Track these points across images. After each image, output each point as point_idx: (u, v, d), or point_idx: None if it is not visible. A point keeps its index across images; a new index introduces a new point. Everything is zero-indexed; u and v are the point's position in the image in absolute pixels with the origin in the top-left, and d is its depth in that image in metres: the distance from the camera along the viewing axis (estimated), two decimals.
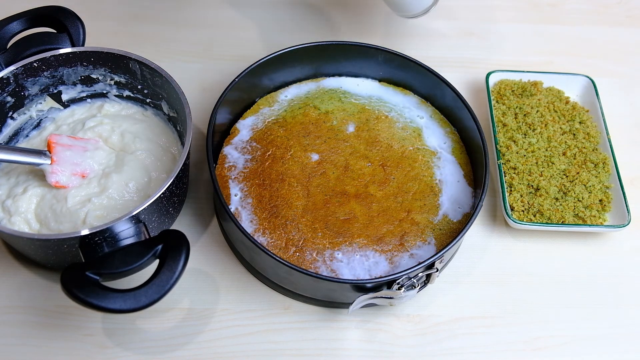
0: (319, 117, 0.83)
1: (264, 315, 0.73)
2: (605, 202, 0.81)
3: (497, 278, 0.78)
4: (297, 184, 0.77)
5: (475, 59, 0.99)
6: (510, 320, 0.75)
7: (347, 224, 0.74)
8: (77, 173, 0.74)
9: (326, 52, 0.84)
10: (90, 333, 0.71)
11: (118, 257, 0.63)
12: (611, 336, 0.74)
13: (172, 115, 0.80)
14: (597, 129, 0.87)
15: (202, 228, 0.80)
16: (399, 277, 0.66)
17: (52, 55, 0.76)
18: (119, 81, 0.81)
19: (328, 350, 0.72)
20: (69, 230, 0.71)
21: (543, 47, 1.02)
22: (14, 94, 0.77)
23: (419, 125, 0.84)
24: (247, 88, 0.82)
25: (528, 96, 0.89)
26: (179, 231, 0.64)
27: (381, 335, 0.73)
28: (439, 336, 0.73)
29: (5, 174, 0.76)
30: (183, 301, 0.74)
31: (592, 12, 1.07)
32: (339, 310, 0.74)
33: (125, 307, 0.60)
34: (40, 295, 0.73)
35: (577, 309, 0.76)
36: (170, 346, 0.71)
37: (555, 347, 0.73)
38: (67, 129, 0.80)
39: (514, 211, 0.80)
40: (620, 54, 1.02)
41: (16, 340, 0.70)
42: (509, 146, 0.84)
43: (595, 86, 0.91)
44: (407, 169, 0.79)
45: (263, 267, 0.73)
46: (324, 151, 0.80)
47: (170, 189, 0.69)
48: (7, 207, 0.72)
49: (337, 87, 0.87)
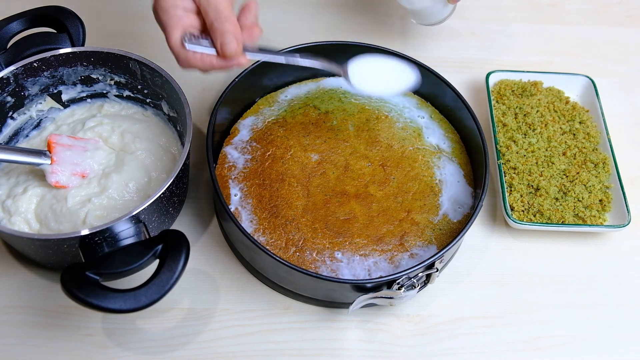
0: (319, 117, 0.83)
1: (264, 315, 0.73)
2: (605, 202, 0.81)
3: (497, 278, 0.78)
4: (297, 184, 0.77)
5: (475, 59, 0.99)
6: (510, 320, 0.75)
7: (347, 224, 0.74)
8: (77, 173, 0.74)
9: (326, 52, 0.84)
10: (90, 333, 0.71)
11: (118, 257, 0.63)
12: (611, 336, 0.75)
13: (172, 115, 0.80)
14: (597, 129, 0.87)
15: (202, 228, 0.80)
16: (399, 277, 0.66)
17: (52, 55, 0.76)
18: (119, 81, 0.81)
19: (328, 350, 0.72)
20: (69, 230, 0.71)
21: (543, 47, 1.02)
22: (14, 94, 0.77)
23: (419, 125, 0.84)
24: (247, 88, 0.82)
25: (528, 96, 0.89)
26: (179, 231, 0.64)
27: (381, 335, 0.73)
28: (439, 336, 0.73)
29: (5, 174, 0.76)
30: (183, 301, 0.74)
31: (592, 12, 1.07)
32: (339, 310, 0.74)
33: (125, 307, 0.60)
34: (40, 295, 0.73)
35: (577, 309, 0.76)
36: (170, 346, 0.71)
37: (555, 347, 0.73)
38: (67, 129, 0.80)
39: (514, 211, 0.80)
40: (620, 54, 1.02)
41: (16, 340, 0.70)
42: (509, 146, 0.84)
43: (595, 86, 0.91)
44: (407, 169, 0.79)
45: (263, 267, 0.73)
46: (324, 151, 0.80)
47: (170, 189, 0.69)
48: (7, 207, 0.72)
49: (337, 87, 0.87)
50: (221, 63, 0.65)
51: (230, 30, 0.63)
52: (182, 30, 0.64)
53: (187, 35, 0.64)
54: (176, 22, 0.64)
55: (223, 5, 0.64)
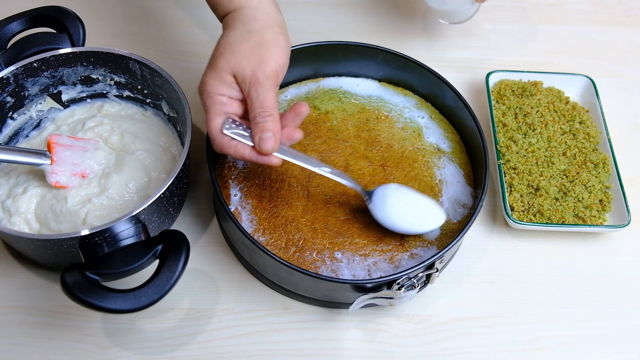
0: (319, 117, 0.83)
1: (264, 315, 0.73)
2: (605, 202, 0.81)
3: (497, 278, 0.78)
4: (297, 184, 0.77)
5: (475, 59, 0.99)
6: (510, 320, 0.75)
7: (347, 224, 0.74)
8: (77, 173, 0.74)
9: (326, 52, 0.84)
10: (90, 333, 0.71)
11: (118, 257, 0.63)
12: (611, 336, 0.75)
13: (172, 115, 0.80)
14: (597, 129, 0.87)
15: (202, 228, 0.80)
16: (399, 277, 0.66)
17: (52, 55, 0.76)
18: (119, 81, 0.81)
19: (328, 350, 0.72)
20: (69, 230, 0.71)
21: (543, 47, 1.02)
22: (14, 94, 0.77)
23: (419, 125, 0.84)
24: None
25: (528, 96, 0.89)
26: (179, 231, 0.64)
27: (381, 335, 0.73)
28: (439, 336, 0.73)
29: (5, 174, 0.76)
30: (183, 301, 0.74)
31: (592, 12, 1.07)
32: (339, 310, 0.74)
33: (125, 307, 0.60)
34: (40, 295, 0.73)
35: (577, 309, 0.76)
36: (170, 346, 0.71)
37: (555, 347, 0.73)
38: (67, 129, 0.80)
39: (514, 211, 0.80)
40: (620, 54, 1.02)
41: (16, 340, 0.70)
42: (509, 146, 0.84)
43: (595, 86, 0.91)
44: (407, 169, 0.79)
45: (263, 267, 0.73)
46: (324, 151, 0.80)
47: (170, 189, 0.69)
48: (7, 207, 0.72)
49: (337, 87, 0.87)
50: (253, 157, 0.65)
51: (271, 128, 0.63)
52: (224, 117, 0.64)
53: (228, 122, 0.64)
54: (220, 108, 0.64)
55: (269, 102, 0.64)
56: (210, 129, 0.65)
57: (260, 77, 0.63)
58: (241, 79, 0.64)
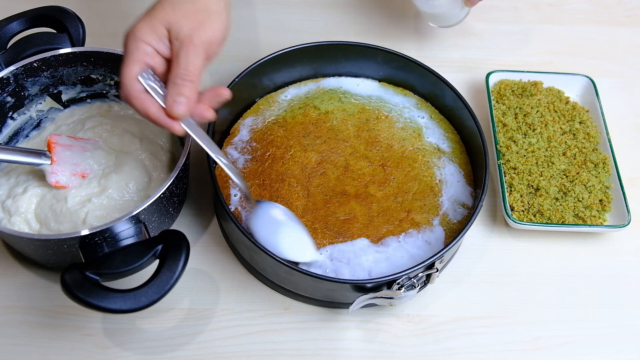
0: (319, 117, 0.83)
1: (264, 315, 0.73)
2: (605, 202, 0.81)
3: (497, 278, 0.78)
4: (297, 184, 0.77)
5: (475, 59, 0.99)
6: (510, 320, 0.75)
7: (347, 224, 0.74)
8: (77, 173, 0.74)
9: (326, 52, 0.84)
10: (90, 333, 0.71)
11: (118, 257, 0.63)
12: (611, 336, 0.75)
13: None
14: (597, 129, 0.87)
15: (202, 228, 0.80)
16: (399, 277, 0.66)
17: (52, 55, 0.76)
18: (119, 81, 0.81)
19: (328, 350, 0.72)
20: (69, 230, 0.71)
21: (543, 47, 1.02)
22: (14, 94, 0.77)
23: (419, 125, 0.84)
24: (247, 88, 0.82)
25: (528, 96, 0.89)
26: (179, 231, 0.64)
27: (381, 335, 0.73)
28: (439, 336, 0.73)
29: (5, 174, 0.76)
30: (183, 301, 0.74)
31: (592, 12, 1.07)
32: (339, 310, 0.74)
33: (125, 307, 0.60)
34: (40, 295, 0.73)
35: (577, 308, 0.76)
36: (170, 346, 0.71)
37: (555, 347, 0.73)
38: (67, 129, 0.80)
39: (514, 211, 0.80)
40: (620, 54, 1.02)
41: (16, 340, 0.70)
42: (509, 146, 0.84)
43: (595, 86, 0.91)
44: (407, 169, 0.79)
45: (263, 267, 0.73)
46: (324, 151, 0.80)
47: (170, 189, 0.69)
48: (7, 207, 0.72)
49: (337, 87, 0.87)
50: (157, 116, 0.60)
51: (188, 94, 0.60)
52: (143, 66, 0.61)
53: (147, 72, 0.61)
54: (142, 57, 0.61)
55: (195, 67, 0.61)
56: (124, 73, 0.60)
57: (194, 39, 0.61)
58: (175, 34, 0.61)
